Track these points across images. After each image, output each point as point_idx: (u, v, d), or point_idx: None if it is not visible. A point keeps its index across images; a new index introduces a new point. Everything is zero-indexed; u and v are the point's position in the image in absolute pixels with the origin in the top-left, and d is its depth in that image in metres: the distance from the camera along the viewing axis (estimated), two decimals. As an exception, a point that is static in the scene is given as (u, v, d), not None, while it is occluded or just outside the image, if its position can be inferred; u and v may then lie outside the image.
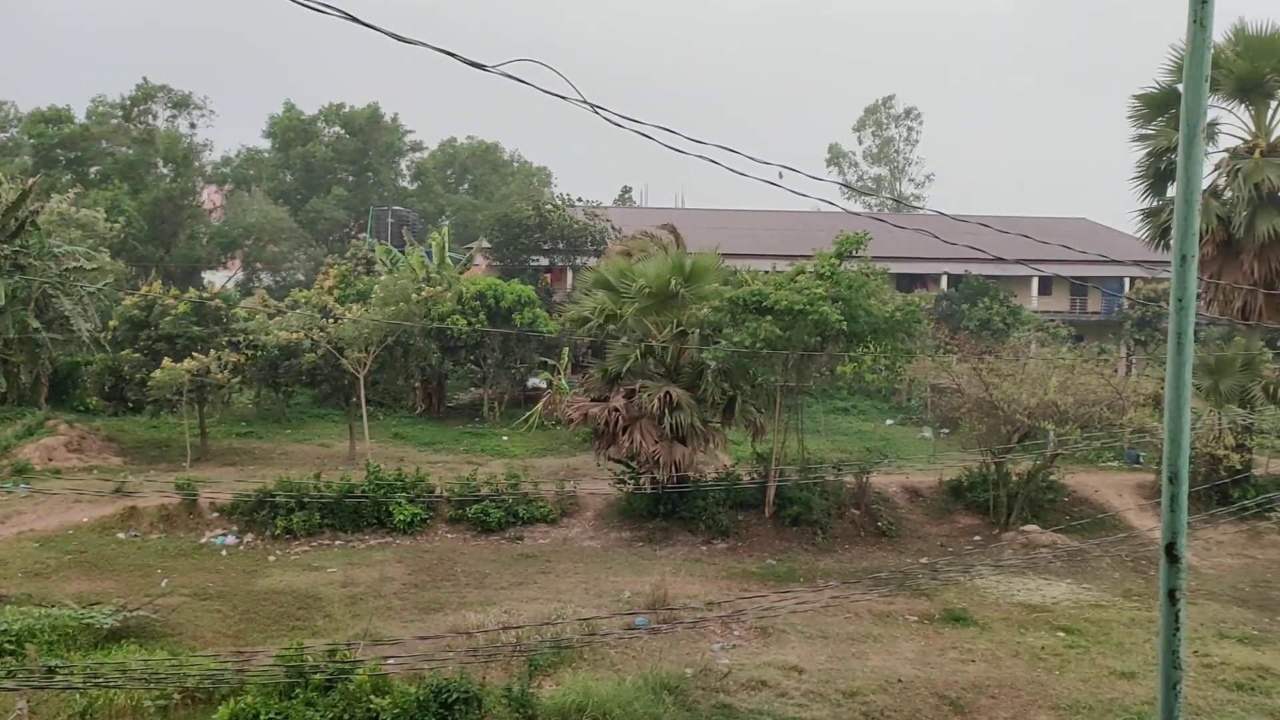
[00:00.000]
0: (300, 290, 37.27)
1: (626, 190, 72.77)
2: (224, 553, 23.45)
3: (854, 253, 26.11)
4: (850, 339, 25.66)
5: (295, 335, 31.00)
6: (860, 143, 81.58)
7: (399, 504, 25.07)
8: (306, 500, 24.52)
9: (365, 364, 30.99)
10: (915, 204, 76.57)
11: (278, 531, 24.27)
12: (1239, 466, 26.56)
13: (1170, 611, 2.84)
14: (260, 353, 31.27)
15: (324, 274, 40.94)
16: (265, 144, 63.75)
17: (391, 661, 14.61)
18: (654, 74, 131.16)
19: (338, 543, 24.37)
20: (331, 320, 31.17)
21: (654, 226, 40.08)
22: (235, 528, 24.55)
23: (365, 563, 22.85)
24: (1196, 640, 18.41)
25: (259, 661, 14.84)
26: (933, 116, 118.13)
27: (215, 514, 24.97)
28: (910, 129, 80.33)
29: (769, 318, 24.18)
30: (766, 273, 26.97)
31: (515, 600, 20.14)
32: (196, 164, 55.04)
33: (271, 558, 23.22)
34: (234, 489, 25.25)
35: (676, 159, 6.63)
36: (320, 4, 4.78)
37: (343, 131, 63.17)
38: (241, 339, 31.54)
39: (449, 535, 25.20)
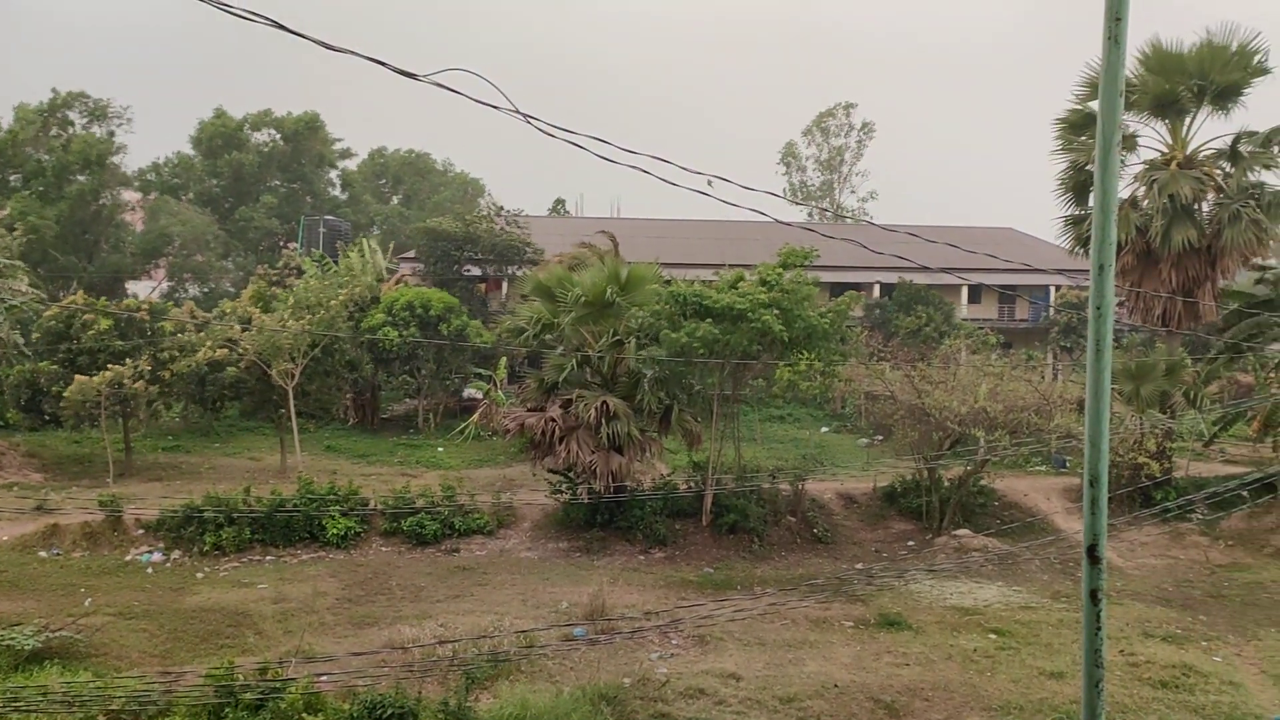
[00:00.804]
0: (226, 302, 36.54)
1: (560, 201, 72.69)
2: (150, 570, 22.85)
3: (799, 265, 26.40)
4: (786, 346, 25.92)
5: (221, 352, 30.38)
6: (809, 145, 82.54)
7: (332, 517, 24.67)
8: (236, 515, 23.99)
9: (293, 375, 30.46)
10: (851, 215, 77.62)
11: (206, 548, 23.71)
12: (1159, 472, 27.31)
13: (1092, 611, 2.90)
14: (188, 368, 30.57)
15: (253, 284, 40.19)
16: (195, 152, 62.47)
17: (324, 679, 14.36)
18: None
19: (268, 558, 23.90)
20: (254, 331, 30.59)
21: (591, 235, 40.14)
22: (162, 544, 23.93)
23: (297, 578, 22.44)
24: (1122, 640, 18.88)
25: (187, 681, 14.49)
26: (885, 129, 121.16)
27: (141, 531, 24.34)
28: (860, 141, 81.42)
29: (709, 320, 24.35)
30: (704, 281, 27.16)
31: (451, 613, 19.93)
32: (118, 169, 53.59)
33: (200, 575, 22.69)
34: (160, 505, 24.64)
35: (614, 168, 6.62)
36: (247, 11, 4.72)
37: (277, 137, 62.16)
38: (166, 354, 30.79)
39: (383, 549, 24.87)
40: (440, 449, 36.02)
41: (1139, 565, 25.57)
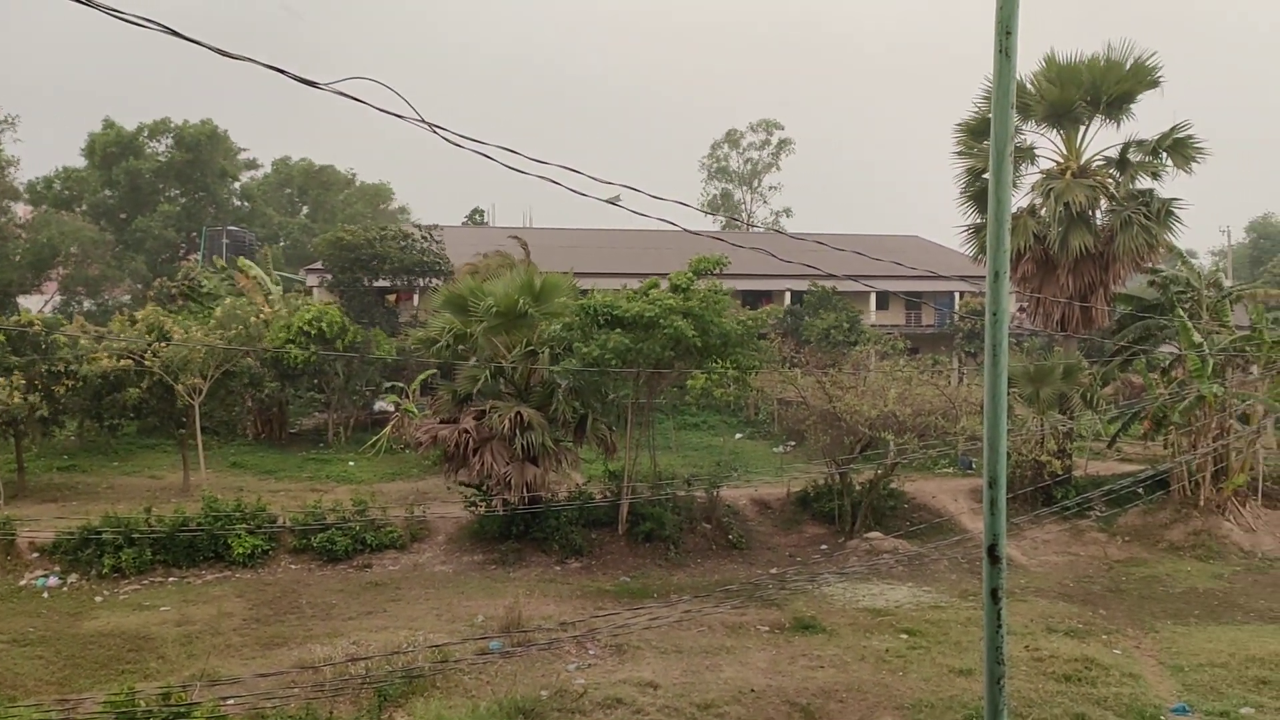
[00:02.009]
0: (119, 317, 35.23)
1: (478, 211, 72.01)
2: (46, 595, 21.95)
3: (711, 272, 26.58)
4: (701, 354, 26.06)
5: (125, 361, 29.30)
6: (719, 158, 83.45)
7: (238, 536, 23.98)
8: (136, 536, 23.18)
9: (201, 391, 29.59)
10: (762, 225, 78.64)
11: (105, 570, 22.85)
12: (1060, 470, 28.18)
13: (993, 610, 2.97)
14: (82, 383, 29.39)
15: (145, 307, 38.87)
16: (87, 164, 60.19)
17: (231, 702, 13.95)
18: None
19: (171, 579, 23.15)
20: (164, 343, 29.58)
21: (501, 244, 39.87)
22: (58, 568, 23.00)
23: (202, 599, 21.78)
24: (1027, 635, 19.41)
25: (86, 709, 13.96)
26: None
27: (35, 554, 23.37)
28: (774, 159, 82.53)
29: (619, 330, 24.35)
30: (617, 291, 27.17)
31: (364, 630, 19.56)
32: (6, 181, 51.35)
33: (99, 598, 21.87)
34: (56, 526, 23.66)
35: (524, 178, 6.59)
36: (140, 18, 4.57)
37: (173, 147, 60.26)
38: (62, 367, 29.57)
39: (293, 566, 24.28)
40: (351, 463, 35.35)
41: (1041, 562, 26.34)
